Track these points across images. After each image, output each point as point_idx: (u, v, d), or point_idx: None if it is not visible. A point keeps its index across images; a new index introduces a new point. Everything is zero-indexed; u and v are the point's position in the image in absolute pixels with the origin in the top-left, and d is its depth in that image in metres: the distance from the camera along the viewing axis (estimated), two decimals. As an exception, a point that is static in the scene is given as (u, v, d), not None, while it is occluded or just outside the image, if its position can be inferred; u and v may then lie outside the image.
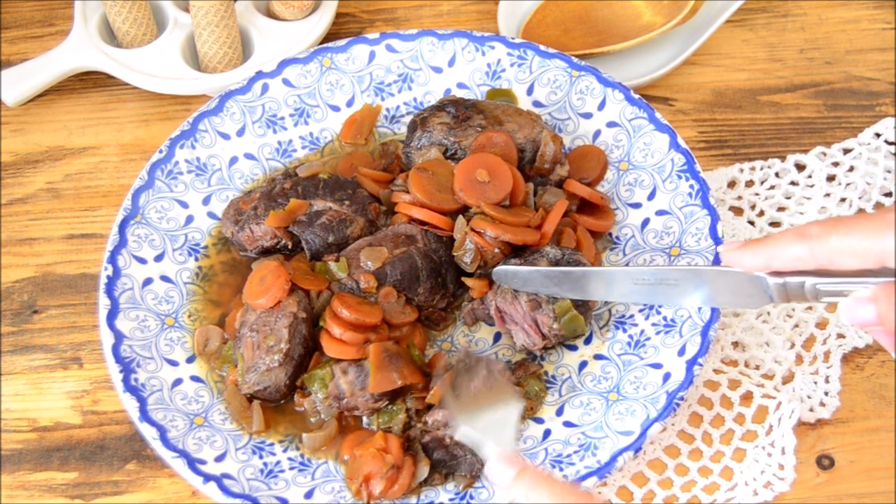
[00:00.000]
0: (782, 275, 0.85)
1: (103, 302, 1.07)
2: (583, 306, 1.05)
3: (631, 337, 1.07)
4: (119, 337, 1.06)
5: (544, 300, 1.03)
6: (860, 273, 0.80)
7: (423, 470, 0.99)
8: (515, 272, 1.04)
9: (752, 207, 1.21)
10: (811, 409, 1.06)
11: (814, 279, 0.83)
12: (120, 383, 1.02)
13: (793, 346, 1.10)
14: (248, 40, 1.36)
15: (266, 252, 1.15)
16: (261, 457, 1.02)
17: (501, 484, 0.78)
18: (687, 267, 0.99)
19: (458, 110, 1.16)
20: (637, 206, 1.16)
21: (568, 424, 1.02)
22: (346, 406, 1.02)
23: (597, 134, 1.21)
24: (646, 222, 1.14)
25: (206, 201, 1.19)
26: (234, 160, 1.22)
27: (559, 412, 1.04)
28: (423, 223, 1.10)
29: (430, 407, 1.02)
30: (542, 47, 1.24)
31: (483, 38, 1.25)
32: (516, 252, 1.09)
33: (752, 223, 1.20)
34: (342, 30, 1.41)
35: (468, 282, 1.08)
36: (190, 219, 1.17)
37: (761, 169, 1.23)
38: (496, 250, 1.07)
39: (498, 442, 0.86)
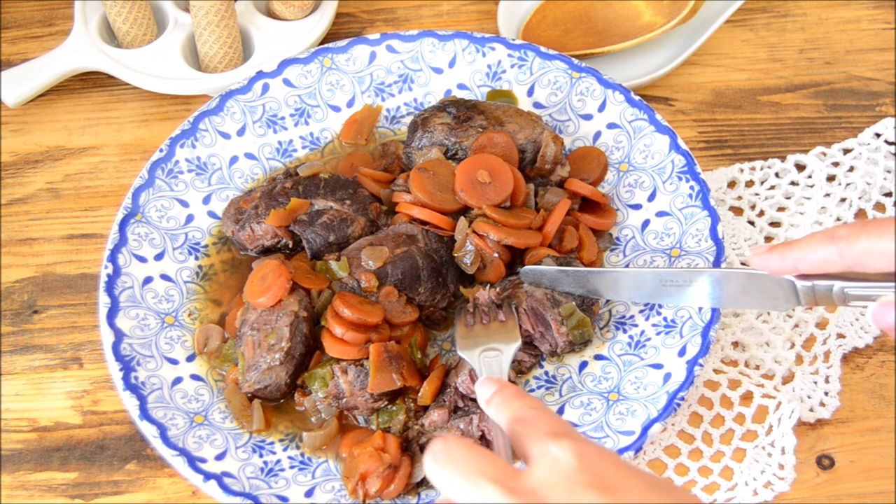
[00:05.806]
0: (810, 278, 0.87)
1: (103, 300, 1.07)
2: (588, 310, 1.05)
3: (631, 337, 1.07)
4: (119, 335, 1.06)
5: (549, 306, 1.03)
6: (885, 277, 0.81)
7: (420, 470, 0.98)
8: (544, 272, 1.05)
9: (752, 207, 1.21)
10: (811, 409, 1.06)
11: (842, 283, 0.85)
12: (120, 381, 1.02)
13: (793, 346, 1.10)
14: (249, 40, 1.36)
15: (267, 251, 1.15)
16: (261, 455, 1.02)
17: (481, 402, 0.80)
18: (716, 269, 1.00)
19: (459, 111, 1.16)
20: (637, 207, 1.16)
21: (568, 424, 1.02)
22: (346, 405, 1.02)
23: (597, 135, 1.21)
24: (646, 223, 1.14)
25: (206, 200, 1.19)
26: (234, 160, 1.22)
27: (559, 412, 1.03)
28: (423, 223, 1.10)
29: (427, 408, 1.02)
30: (542, 48, 1.24)
31: (483, 40, 1.25)
32: (517, 255, 1.09)
33: (752, 223, 1.20)
34: (342, 30, 1.41)
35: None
36: (190, 218, 1.17)
37: (761, 169, 1.23)
38: (495, 254, 1.07)
39: (488, 370, 0.97)
